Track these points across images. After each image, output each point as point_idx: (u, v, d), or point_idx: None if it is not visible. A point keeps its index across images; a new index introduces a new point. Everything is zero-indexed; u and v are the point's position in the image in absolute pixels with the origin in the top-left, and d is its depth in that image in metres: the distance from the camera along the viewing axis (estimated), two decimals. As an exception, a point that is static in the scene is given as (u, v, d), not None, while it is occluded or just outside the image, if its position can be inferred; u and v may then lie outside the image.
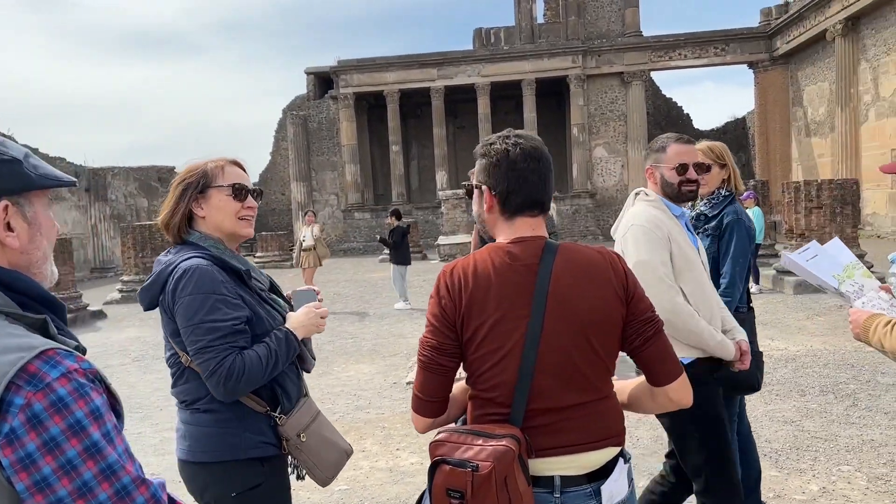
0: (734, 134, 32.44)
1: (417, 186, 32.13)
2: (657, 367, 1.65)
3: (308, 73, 30.58)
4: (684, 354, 2.58)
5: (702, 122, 45.80)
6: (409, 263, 12.16)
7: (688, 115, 33.05)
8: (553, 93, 29.34)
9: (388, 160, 29.51)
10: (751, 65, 27.70)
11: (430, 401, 1.69)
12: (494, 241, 1.76)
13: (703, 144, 3.40)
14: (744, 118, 32.31)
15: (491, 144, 1.73)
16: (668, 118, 32.58)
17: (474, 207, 1.84)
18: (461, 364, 1.71)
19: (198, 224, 2.00)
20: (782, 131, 26.57)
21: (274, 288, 2.17)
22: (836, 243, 2.38)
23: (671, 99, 33.22)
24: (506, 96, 28.95)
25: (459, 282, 1.63)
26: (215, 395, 1.89)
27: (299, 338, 2.00)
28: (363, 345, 8.81)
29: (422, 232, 25.24)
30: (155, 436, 5.59)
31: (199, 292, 1.85)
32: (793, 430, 4.80)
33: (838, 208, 10.49)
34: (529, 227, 1.68)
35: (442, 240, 21.34)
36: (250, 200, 2.05)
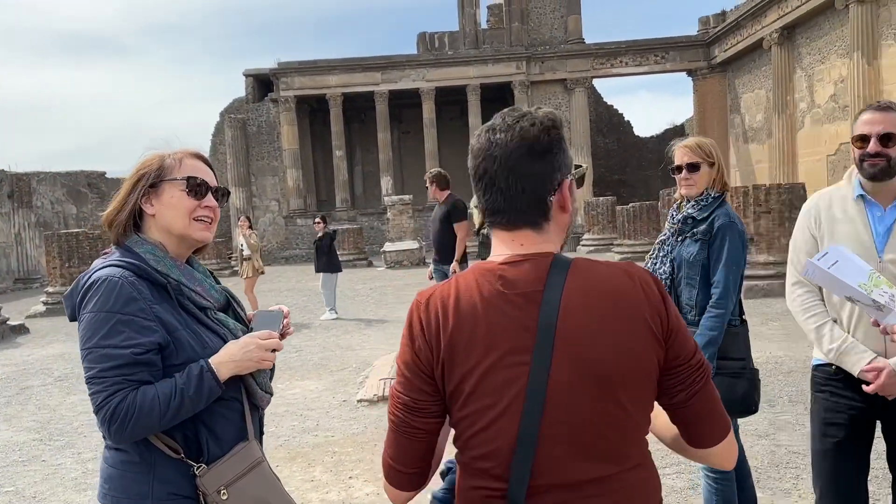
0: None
1: (362, 192, 31.58)
2: (699, 427, 1.29)
3: (247, 76, 29.70)
4: (817, 355, 2.50)
5: (641, 129, 46.67)
6: (339, 271, 11.66)
7: (629, 122, 33.48)
8: (498, 98, 29.26)
9: (332, 165, 28.89)
10: (689, 72, 28.20)
11: (408, 472, 1.32)
12: None
13: (691, 141, 3.11)
14: (682, 125, 32.92)
15: (478, 131, 1.35)
16: (609, 125, 32.94)
17: None
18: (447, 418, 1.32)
19: (147, 225, 1.72)
20: (720, 138, 27.08)
21: (232, 306, 1.83)
22: (845, 250, 2.10)
23: (612, 106, 33.61)
24: (451, 101, 28.73)
25: (437, 317, 1.25)
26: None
27: (225, 375, 1.63)
28: (309, 359, 8.33)
29: (367, 238, 24.75)
30: (77, 467, 5.03)
31: (102, 310, 1.56)
32: (769, 444, 4.58)
33: (787, 213, 10.54)
34: (514, 242, 1.29)
35: (388, 246, 20.92)
36: (209, 199, 1.74)
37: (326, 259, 11.43)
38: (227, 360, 1.63)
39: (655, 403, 1.31)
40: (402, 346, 1.30)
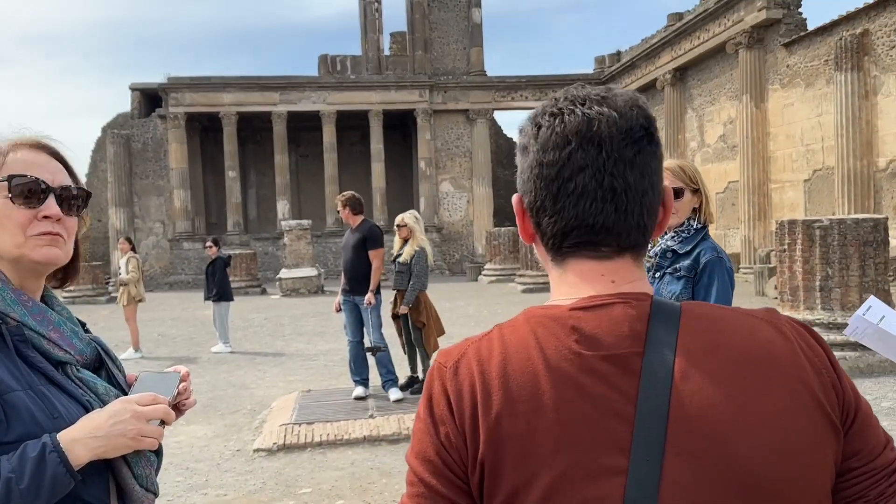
0: (570, 174, 33.86)
1: (256, 216, 30.26)
2: None
3: (133, 90, 27.93)
4: None
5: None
6: (232, 299, 10.74)
7: (527, 154, 34.03)
8: (400, 125, 29.00)
9: (224, 187, 27.49)
10: (587, 109, 28.98)
11: None
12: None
13: (673, 163, 2.71)
14: (579, 160, 33.82)
15: (537, 112, 0.89)
16: (508, 157, 33.29)
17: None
18: None
19: None
20: (615, 173, 27.93)
21: (105, 365, 1.29)
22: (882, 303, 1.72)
23: (512, 139, 34.10)
24: (352, 126, 28.14)
25: (472, 390, 0.80)
26: None
27: (82, 458, 1.10)
28: (195, 399, 7.42)
29: (261, 264, 23.56)
30: None
31: None
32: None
33: (693, 247, 10.62)
34: (603, 278, 0.85)
35: (284, 273, 19.91)
36: (50, 206, 1.21)
37: (218, 287, 10.43)
38: (85, 435, 1.10)
39: None
40: (418, 433, 0.84)
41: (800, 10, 17.01)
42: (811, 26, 16.26)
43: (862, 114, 14.17)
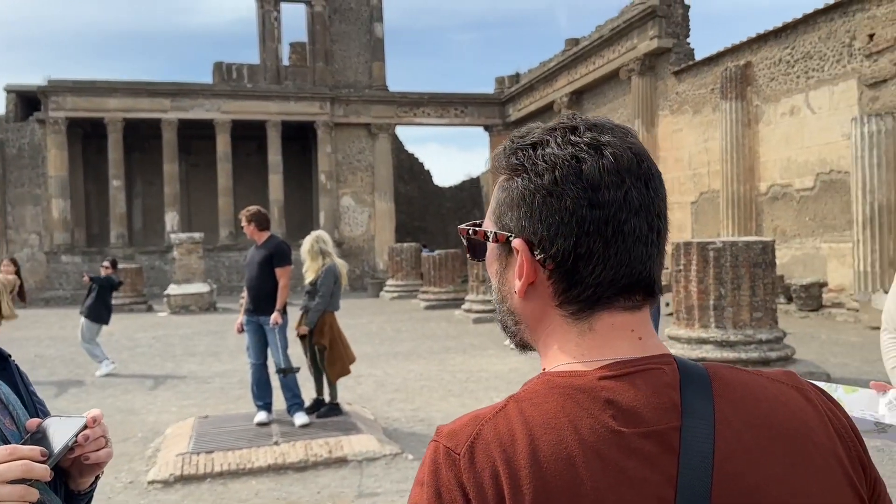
0: (470, 192, 34.24)
1: (141, 227, 28.70)
2: None
3: (9, 91, 25.93)
4: None
5: (438, 178, 48.37)
6: (107, 323, 10.10)
7: (428, 171, 34.21)
8: (299, 137, 28.39)
9: (107, 196, 25.92)
10: (486, 128, 29.50)
11: None
12: (528, 347, 0.83)
13: None
14: (478, 178, 34.28)
15: (536, 145, 0.78)
16: (410, 172, 33.38)
17: (493, 279, 0.84)
18: None
19: None
20: (514, 191, 28.47)
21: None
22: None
23: (413, 154, 34.18)
24: (248, 136, 27.28)
25: (496, 483, 0.68)
26: None
27: None
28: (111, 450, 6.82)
29: (147, 279, 22.30)
30: None
31: None
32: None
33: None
34: (632, 334, 0.77)
35: (173, 289, 18.90)
36: None
37: (94, 304, 9.78)
38: None
39: None
40: None
41: (688, 40, 17.99)
42: (699, 56, 17.22)
43: (745, 141, 15.09)
